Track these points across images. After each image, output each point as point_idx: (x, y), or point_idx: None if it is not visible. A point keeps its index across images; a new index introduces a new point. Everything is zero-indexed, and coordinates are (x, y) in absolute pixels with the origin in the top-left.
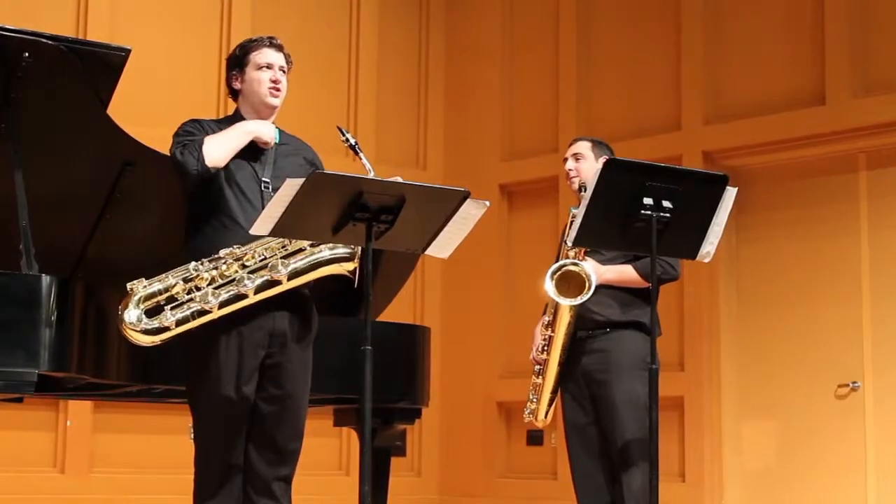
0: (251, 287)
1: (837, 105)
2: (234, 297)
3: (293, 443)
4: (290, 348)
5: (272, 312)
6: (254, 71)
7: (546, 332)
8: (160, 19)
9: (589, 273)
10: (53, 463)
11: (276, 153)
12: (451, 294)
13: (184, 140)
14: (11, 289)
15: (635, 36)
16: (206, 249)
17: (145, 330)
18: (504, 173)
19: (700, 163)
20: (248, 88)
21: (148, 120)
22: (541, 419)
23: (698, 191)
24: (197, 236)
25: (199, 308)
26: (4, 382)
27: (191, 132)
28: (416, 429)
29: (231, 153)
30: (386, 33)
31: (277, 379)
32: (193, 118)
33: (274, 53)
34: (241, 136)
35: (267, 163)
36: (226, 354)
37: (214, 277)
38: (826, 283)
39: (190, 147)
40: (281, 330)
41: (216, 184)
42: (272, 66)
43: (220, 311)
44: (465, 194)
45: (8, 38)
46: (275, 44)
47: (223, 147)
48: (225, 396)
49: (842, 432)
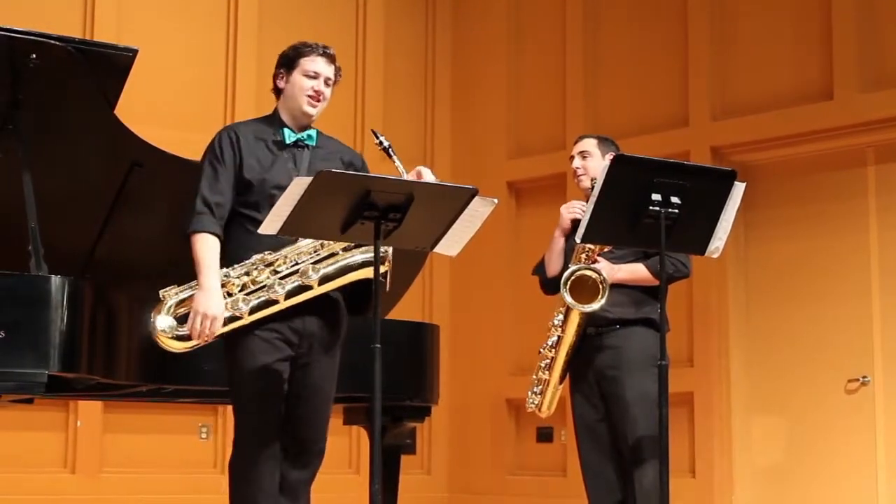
0: (282, 293)
1: (845, 100)
2: (265, 303)
3: (318, 443)
4: (318, 351)
5: (302, 316)
6: (300, 76)
7: (557, 330)
8: (167, 20)
9: (604, 277)
10: (64, 463)
11: (312, 156)
12: (459, 292)
13: (208, 180)
14: (21, 290)
15: (642, 32)
16: (239, 254)
17: (177, 336)
18: (511, 171)
19: (708, 158)
20: (290, 91)
21: (156, 120)
22: (544, 411)
23: (707, 187)
24: (231, 241)
25: (231, 315)
26: (15, 383)
27: (219, 158)
28: (425, 427)
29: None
30: (393, 32)
31: (304, 380)
32: (228, 126)
33: (325, 64)
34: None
35: (301, 167)
36: (256, 355)
37: (246, 284)
38: (835, 277)
39: (199, 216)
40: (310, 332)
41: (250, 189)
42: (318, 76)
43: (251, 317)
44: (472, 192)
45: (15, 39)
46: (328, 54)
47: (196, 260)
48: (260, 394)
49: (852, 427)
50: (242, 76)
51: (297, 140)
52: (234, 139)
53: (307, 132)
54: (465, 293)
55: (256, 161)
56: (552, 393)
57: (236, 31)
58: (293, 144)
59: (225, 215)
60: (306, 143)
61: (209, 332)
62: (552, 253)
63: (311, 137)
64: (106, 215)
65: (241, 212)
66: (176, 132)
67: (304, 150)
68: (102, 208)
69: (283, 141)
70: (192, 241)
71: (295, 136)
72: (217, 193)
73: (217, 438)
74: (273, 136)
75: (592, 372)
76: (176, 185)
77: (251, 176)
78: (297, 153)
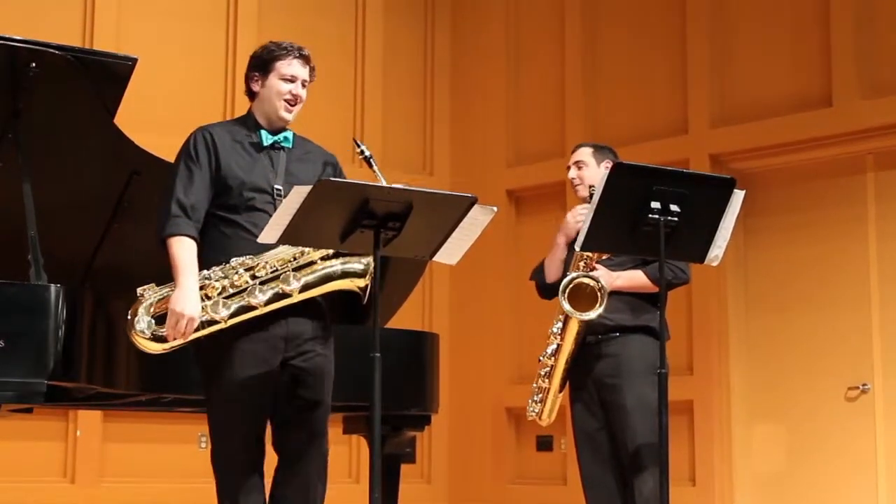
0: (262, 300)
1: (844, 107)
2: (244, 309)
3: (318, 447)
4: (310, 350)
5: (286, 318)
6: (276, 80)
7: (556, 339)
8: (166, 28)
9: (602, 285)
10: (63, 473)
11: (289, 159)
12: (459, 300)
13: (182, 182)
14: (21, 299)
15: (641, 40)
16: (217, 258)
17: (154, 337)
18: (511, 179)
19: (707, 166)
20: (266, 95)
21: (155, 128)
22: (545, 419)
23: (706, 194)
24: (208, 245)
25: (209, 318)
26: (14, 393)
27: (194, 159)
28: (425, 435)
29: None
30: (392, 39)
31: (298, 383)
32: (203, 127)
33: (300, 67)
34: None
35: (279, 170)
36: (239, 361)
37: (225, 287)
38: (835, 284)
39: (174, 219)
40: (297, 333)
41: (227, 192)
42: (295, 80)
43: (230, 322)
44: (472, 200)
45: (15, 48)
46: (303, 55)
47: (173, 262)
48: (239, 402)
49: (852, 434)
50: (242, 84)
51: (273, 142)
52: (209, 140)
53: (283, 134)
54: (464, 302)
55: (235, 163)
56: (552, 401)
57: (235, 39)
58: (270, 147)
59: (201, 218)
60: (283, 145)
61: (186, 334)
62: (553, 259)
63: (288, 140)
64: (106, 224)
65: (218, 214)
66: (175, 140)
67: (280, 151)
68: (102, 217)
69: (260, 143)
70: (168, 244)
71: (272, 139)
72: (192, 195)
73: None
74: (249, 137)
75: (592, 380)
76: None
77: (229, 178)
78: (273, 155)
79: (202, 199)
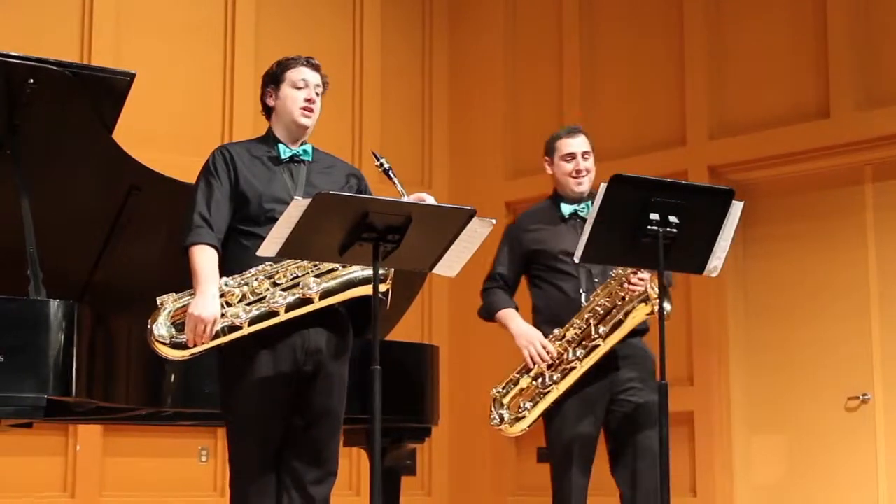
0: (282, 304)
1: (842, 118)
2: (265, 315)
3: (329, 462)
4: (326, 364)
5: (307, 329)
6: (289, 88)
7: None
8: (164, 44)
9: (652, 287)
10: (63, 487)
11: (309, 171)
12: (458, 312)
13: (204, 195)
14: (20, 314)
15: (639, 52)
16: (236, 270)
17: (175, 344)
18: (510, 191)
19: (706, 177)
20: (282, 106)
21: (153, 143)
22: (519, 430)
23: (704, 205)
24: (230, 257)
25: (230, 324)
26: (14, 408)
27: (214, 174)
28: (425, 448)
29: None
30: (389, 53)
31: (312, 395)
32: (222, 145)
33: (310, 72)
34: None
35: (299, 182)
36: (259, 369)
37: (245, 294)
38: (834, 295)
39: (197, 229)
40: (316, 346)
41: (247, 205)
42: (308, 85)
43: (251, 328)
44: (471, 213)
45: (13, 64)
46: (312, 63)
47: (194, 269)
48: (257, 411)
49: (852, 445)
50: (240, 99)
51: (293, 155)
52: (228, 157)
53: (303, 147)
54: (464, 314)
55: (253, 176)
56: (538, 414)
57: (233, 54)
58: (289, 160)
59: (223, 230)
60: (303, 158)
61: (205, 338)
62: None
63: (307, 152)
64: (104, 239)
65: (239, 227)
66: (174, 155)
67: (300, 164)
68: (101, 232)
69: (278, 156)
70: (190, 253)
71: (291, 152)
72: (213, 208)
73: (217, 461)
74: (268, 152)
75: (609, 381)
76: (174, 208)
77: (248, 191)
78: (293, 168)
79: (223, 211)
